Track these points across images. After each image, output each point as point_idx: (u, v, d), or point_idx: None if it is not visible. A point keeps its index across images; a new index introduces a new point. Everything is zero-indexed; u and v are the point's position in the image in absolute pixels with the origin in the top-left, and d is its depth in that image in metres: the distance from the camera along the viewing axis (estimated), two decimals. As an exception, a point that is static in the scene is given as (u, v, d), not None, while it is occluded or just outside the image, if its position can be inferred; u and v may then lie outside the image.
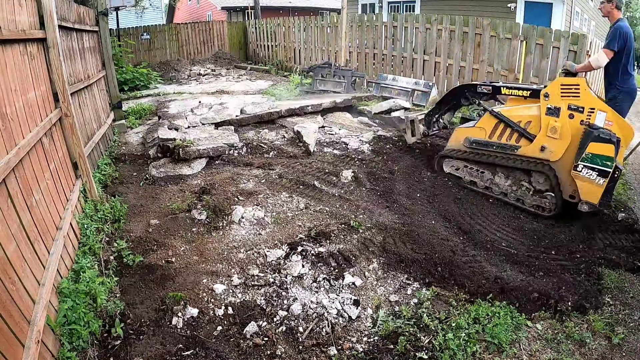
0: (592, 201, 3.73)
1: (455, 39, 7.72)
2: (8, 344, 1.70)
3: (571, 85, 3.87)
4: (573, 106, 3.85)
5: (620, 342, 2.51)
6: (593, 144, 3.62)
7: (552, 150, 3.93)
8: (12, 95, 2.35)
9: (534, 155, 4.07)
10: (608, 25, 4.61)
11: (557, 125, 3.86)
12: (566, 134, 3.85)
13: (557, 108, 3.89)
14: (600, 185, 3.66)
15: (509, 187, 4.34)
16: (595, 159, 3.63)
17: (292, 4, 24.89)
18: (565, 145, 3.86)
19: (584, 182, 3.73)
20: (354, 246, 3.36)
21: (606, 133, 3.61)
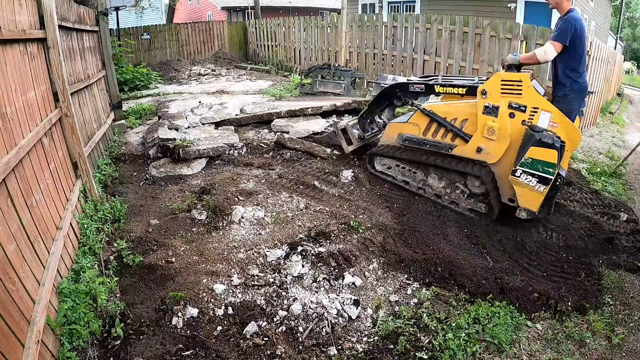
0: (531, 208, 3.50)
1: (455, 39, 7.72)
2: (8, 344, 1.71)
3: (512, 81, 3.51)
4: (514, 104, 3.51)
5: (620, 342, 2.51)
6: (534, 148, 3.30)
7: (489, 152, 3.65)
8: (12, 95, 2.35)
9: (469, 156, 3.78)
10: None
11: (495, 125, 3.55)
12: (505, 135, 3.54)
13: (496, 107, 3.56)
14: (540, 193, 3.40)
15: (442, 189, 4.10)
16: (536, 165, 3.32)
17: (292, 4, 24.89)
18: (503, 147, 3.58)
19: (523, 189, 3.47)
20: (354, 246, 3.36)
21: (549, 137, 3.27)
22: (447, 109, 3.95)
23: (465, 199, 3.96)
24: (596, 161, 5.82)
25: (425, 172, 4.22)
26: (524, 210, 3.55)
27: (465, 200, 3.97)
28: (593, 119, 7.81)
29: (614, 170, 5.34)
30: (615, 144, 6.96)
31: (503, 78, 3.57)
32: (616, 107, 10.48)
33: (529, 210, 3.52)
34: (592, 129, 7.58)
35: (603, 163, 5.73)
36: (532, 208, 3.51)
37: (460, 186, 3.99)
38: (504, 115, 3.55)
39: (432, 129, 4.05)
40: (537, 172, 3.35)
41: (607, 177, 5.18)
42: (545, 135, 3.28)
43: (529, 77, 3.53)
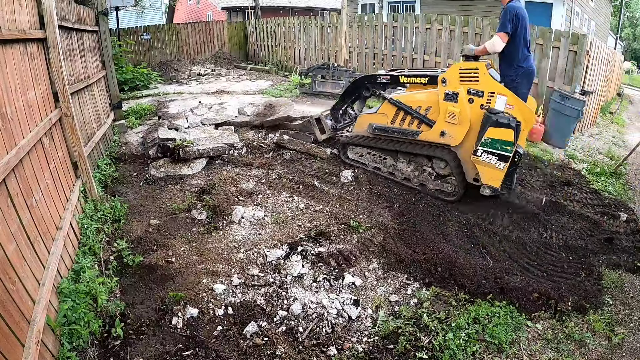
0: (494, 185, 3.80)
1: (455, 39, 7.72)
2: (8, 343, 1.71)
3: (470, 69, 3.83)
4: (472, 90, 3.82)
5: (620, 342, 2.51)
6: (492, 128, 3.61)
7: (452, 135, 3.94)
8: (12, 95, 2.35)
9: (434, 140, 4.09)
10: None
11: (456, 110, 3.85)
12: (465, 119, 3.84)
13: (455, 93, 3.87)
14: (501, 170, 3.70)
15: (411, 173, 4.42)
16: (495, 144, 3.64)
17: (292, 4, 24.88)
18: (464, 130, 3.87)
19: (485, 167, 3.77)
20: (354, 246, 3.36)
21: (505, 117, 3.59)
22: (412, 98, 4.27)
23: (432, 180, 4.28)
24: (596, 161, 5.82)
25: (395, 158, 4.52)
26: (487, 188, 3.84)
27: (432, 181, 4.28)
28: (593, 119, 7.81)
29: (614, 170, 5.34)
30: (615, 144, 6.96)
31: (461, 67, 3.88)
32: (616, 107, 10.48)
33: (492, 187, 3.82)
34: (592, 129, 7.58)
35: (603, 163, 5.73)
36: (494, 185, 3.81)
37: (427, 169, 4.31)
38: (463, 100, 3.85)
39: (399, 117, 4.34)
40: (497, 150, 3.66)
41: (607, 177, 5.18)
42: (501, 116, 3.60)
43: (484, 65, 3.86)
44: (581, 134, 7.08)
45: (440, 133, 4.01)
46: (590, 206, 4.32)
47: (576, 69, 6.31)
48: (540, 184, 4.77)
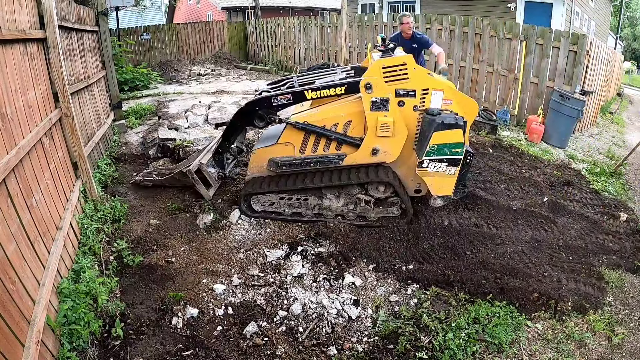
0: (446, 194, 3.33)
1: (455, 39, 7.72)
2: (8, 344, 1.70)
3: (395, 66, 3.17)
4: (402, 91, 3.17)
5: (620, 342, 2.51)
6: (437, 133, 3.02)
7: (387, 151, 3.30)
8: (12, 95, 2.35)
9: (364, 161, 3.38)
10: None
11: (389, 120, 3.18)
12: (401, 128, 3.22)
13: (385, 99, 3.18)
14: (452, 176, 3.21)
15: (344, 207, 3.59)
16: (443, 150, 3.07)
17: (292, 4, 24.88)
18: (402, 141, 3.26)
19: (433, 178, 3.23)
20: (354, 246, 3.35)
21: (450, 117, 3.03)
22: (323, 116, 3.39)
23: (373, 209, 3.58)
24: (596, 161, 5.82)
25: (319, 195, 3.60)
26: (439, 198, 3.36)
27: (373, 210, 3.58)
28: (593, 119, 7.81)
29: (613, 170, 5.34)
30: (615, 144, 6.96)
31: (384, 65, 3.19)
32: (616, 107, 10.48)
33: (444, 196, 3.35)
34: (592, 129, 7.58)
35: (603, 163, 5.73)
36: (446, 193, 3.33)
37: (363, 197, 3.54)
38: (394, 105, 3.22)
39: (309, 143, 3.45)
40: (446, 156, 3.12)
41: (607, 177, 5.18)
42: (446, 117, 3.05)
43: (412, 57, 3.28)
44: (581, 134, 7.08)
45: (371, 151, 3.31)
46: (590, 206, 4.32)
47: (576, 69, 6.31)
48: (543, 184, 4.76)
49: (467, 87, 7.68)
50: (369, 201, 3.55)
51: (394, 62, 3.20)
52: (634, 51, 35.22)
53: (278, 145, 3.49)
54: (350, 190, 3.55)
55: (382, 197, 3.54)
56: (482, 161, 5.17)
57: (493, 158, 5.41)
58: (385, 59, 3.26)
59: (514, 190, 4.49)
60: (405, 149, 3.34)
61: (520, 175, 4.86)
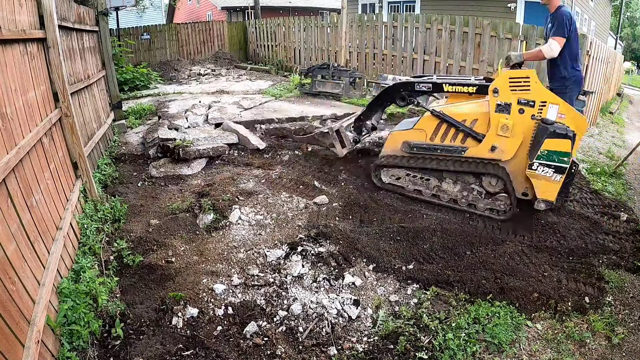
0: (549, 198, 3.62)
1: (455, 39, 7.73)
2: (8, 344, 1.70)
3: (520, 78, 3.61)
4: (523, 100, 3.60)
5: (620, 342, 2.51)
6: (549, 140, 3.41)
7: (504, 150, 3.69)
8: (12, 95, 2.35)
9: (483, 156, 3.79)
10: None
11: (509, 122, 3.61)
12: (518, 131, 3.64)
13: (508, 104, 3.63)
14: (557, 182, 3.54)
15: (458, 193, 4.01)
16: (552, 156, 3.46)
17: (292, 4, 24.89)
18: (517, 143, 3.65)
19: (540, 180, 3.58)
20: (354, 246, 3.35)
21: (562, 128, 3.41)
22: (455, 111, 3.92)
23: (482, 199, 3.94)
24: (596, 161, 5.82)
25: (439, 178, 4.08)
26: (542, 202, 3.64)
27: (482, 200, 3.94)
28: (593, 119, 7.81)
29: (613, 170, 5.34)
30: (615, 144, 6.97)
31: (511, 76, 3.62)
32: (616, 107, 10.49)
33: (547, 200, 3.63)
34: (592, 129, 7.58)
35: (603, 163, 5.73)
36: (549, 198, 3.62)
37: (476, 187, 3.94)
38: (515, 111, 3.63)
39: (440, 132, 3.95)
40: (554, 162, 3.47)
41: (607, 177, 5.18)
42: (558, 127, 3.41)
43: (535, 72, 3.66)
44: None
45: (490, 148, 3.73)
46: (590, 206, 4.32)
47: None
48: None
49: (467, 87, 7.68)
50: (480, 192, 3.94)
51: (519, 74, 3.63)
52: (634, 51, 35.23)
53: (413, 130, 4.10)
54: (467, 179, 3.99)
55: (492, 191, 3.89)
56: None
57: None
58: (512, 70, 3.73)
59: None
60: (519, 153, 3.69)
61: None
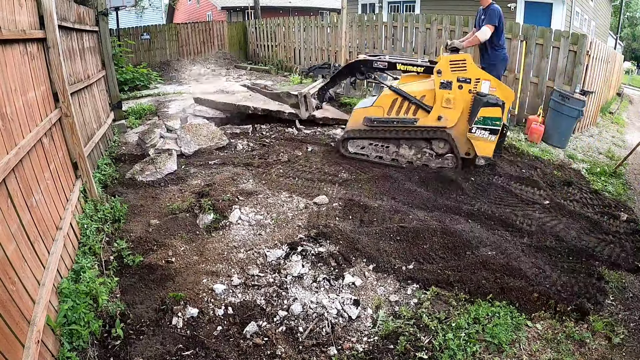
0: (487, 155, 4.58)
1: (455, 38, 7.71)
2: (8, 344, 1.70)
3: (459, 60, 4.51)
4: (461, 79, 4.50)
5: (620, 342, 2.51)
6: (484, 108, 4.35)
7: (448, 118, 4.61)
8: (12, 95, 2.35)
9: (432, 124, 4.70)
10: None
11: (451, 96, 4.53)
12: (458, 103, 4.54)
13: (449, 82, 4.53)
14: (492, 142, 4.50)
15: (413, 156, 4.96)
16: (487, 121, 4.41)
17: (292, 4, 24.89)
18: (458, 113, 4.57)
19: (479, 141, 4.53)
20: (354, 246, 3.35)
21: (493, 98, 4.34)
22: (408, 88, 4.83)
23: (434, 159, 4.89)
24: (596, 161, 5.82)
25: (397, 145, 4.99)
26: (482, 158, 4.62)
27: (434, 160, 4.89)
28: (593, 119, 7.81)
29: (613, 170, 5.34)
30: (615, 144, 6.96)
31: (451, 59, 4.53)
32: (616, 107, 10.49)
33: (486, 157, 4.61)
34: (592, 129, 7.58)
35: (603, 163, 5.73)
36: (488, 154, 4.60)
37: (428, 150, 4.90)
38: (455, 87, 4.54)
39: (395, 107, 4.83)
40: (489, 126, 4.44)
41: (607, 177, 5.18)
42: (490, 98, 4.37)
43: (470, 56, 4.67)
44: (581, 134, 7.08)
45: (437, 117, 4.64)
46: (590, 206, 4.32)
47: (576, 69, 6.31)
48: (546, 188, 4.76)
49: (467, 87, 7.68)
50: (432, 154, 4.89)
51: (458, 57, 4.54)
52: (634, 51, 35.21)
53: (373, 107, 4.98)
54: (419, 144, 4.93)
55: (441, 152, 4.85)
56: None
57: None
58: (452, 55, 4.61)
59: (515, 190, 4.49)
60: (460, 120, 4.61)
61: (520, 175, 4.87)
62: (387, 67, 5.05)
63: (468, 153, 4.72)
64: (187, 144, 5.34)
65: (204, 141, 5.46)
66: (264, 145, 5.69)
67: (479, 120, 4.41)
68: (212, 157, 5.23)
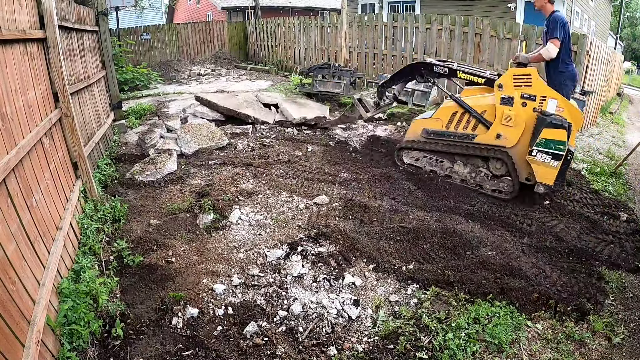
0: (547, 182, 4.04)
1: (455, 39, 7.72)
2: (8, 344, 1.70)
3: (523, 75, 4.13)
4: (525, 95, 4.11)
5: (620, 342, 2.51)
6: (546, 129, 3.87)
7: (507, 137, 4.22)
8: (12, 95, 2.35)
9: (490, 142, 4.34)
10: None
11: (512, 113, 4.14)
12: (520, 122, 4.14)
13: (511, 97, 4.16)
14: (554, 168, 3.97)
15: (467, 174, 4.61)
16: (549, 144, 3.90)
17: (292, 4, 24.88)
18: (519, 132, 4.15)
19: (539, 166, 4.02)
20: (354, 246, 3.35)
21: (558, 119, 3.86)
22: (470, 102, 4.50)
23: (489, 180, 4.47)
24: (596, 161, 5.82)
25: (452, 160, 4.69)
26: (542, 185, 4.07)
27: (489, 181, 4.47)
28: (593, 119, 7.81)
29: (613, 170, 5.34)
30: (615, 144, 6.96)
31: (515, 73, 4.17)
32: (616, 107, 10.49)
33: (546, 184, 4.05)
34: (592, 129, 7.58)
35: (603, 163, 5.73)
36: (548, 182, 4.04)
37: (483, 170, 4.50)
38: (518, 104, 4.14)
39: (454, 122, 4.56)
40: (551, 150, 3.91)
41: (607, 177, 5.17)
42: (555, 118, 3.87)
43: (536, 71, 4.18)
44: (581, 134, 7.08)
45: (496, 135, 4.27)
46: (590, 206, 4.32)
47: (576, 69, 6.30)
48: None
49: (467, 87, 7.68)
50: (487, 174, 4.50)
51: (523, 72, 4.15)
52: (634, 51, 35.22)
53: (431, 119, 4.76)
54: (476, 162, 4.56)
55: (497, 174, 4.43)
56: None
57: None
58: (516, 68, 4.26)
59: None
60: (522, 141, 4.17)
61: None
62: (447, 74, 4.76)
63: (528, 179, 4.22)
64: (187, 144, 5.34)
65: (204, 141, 5.47)
66: (264, 145, 5.69)
67: (540, 143, 3.92)
68: (212, 157, 5.23)
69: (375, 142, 5.98)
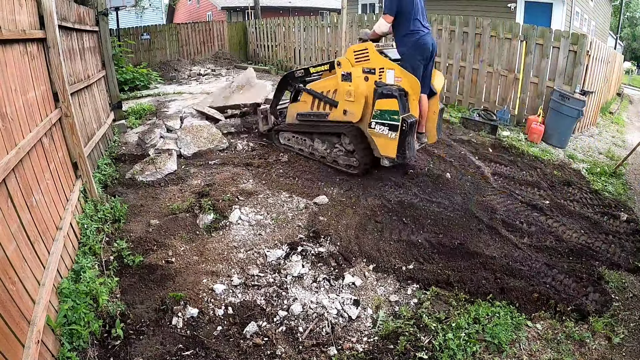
0: (390, 155, 4.05)
1: (455, 39, 7.72)
2: (8, 343, 1.71)
3: (362, 50, 4.16)
4: (366, 69, 4.14)
5: (620, 342, 2.51)
6: (379, 100, 3.90)
7: (353, 112, 4.32)
8: (12, 95, 2.35)
9: (340, 119, 4.48)
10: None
11: (351, 89, 4.24)
12: (359, 96, 4.20)
13: (349, 73, 4.26)
14: (393, 139, 3.93)
15: (324, 151, 4.80)
16: (384, 115, 3.91)
17: (292, 4, 24.89)
18: (361, 107, 4.22)
19: (379, 138, 4.07)
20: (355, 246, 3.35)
21: (388, 89, 3.84)
22: (321, 84, 4.74)
23: (342, 156, 4.60)
24: (596, 161, 5.82)
25: (312, 139, 4.96)
26: (385, 158, 4.14)
27: (342, 157, 4.60)
28: (593, 119, 7.81)
29: (614, 170, 5.34)
30: (615, 144, 6.96)
31: (355, 49, 4.24)
32: (616, 107, 10.49)
33: (388, 157, 4.09)
34: (592, 129, 7.58)
35: (603, 163, 5.73)
36: (390, 155, 4.06)
37: (338, 146, 4.66)
38: (356, 79, 4.22)
39: (316, 103, 4.80)
40: (387, 120, 3.93)
41: (607, 177, 5.18)
42: (386, 88, 3.89)
43: (372, 44, 4.19)
44: (581, 134, 7.08)
45: (343, 111, 4.41)
46: (590, 206, 4.32)
47: (576, 69, 6.31)
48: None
49: (467, 87, 7.68)
50: (341, 150, 4.60)
51: (360, 47, 4.18)
52: (634, 51, 35.22)
53: (300, 102, 5.00)
54: (331, 139, 4.72)
55: (350, 149, 4.49)
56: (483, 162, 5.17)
57: (493, 158, 5.41)
58: (355, 45, 4.26)
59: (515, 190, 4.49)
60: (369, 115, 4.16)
61: (520, 176, 4.87)
62: (304, 74, 5.00)
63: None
64: (187, 146, 5.34)
65: (204, 143, 5.46)
66: (264, 145, 5.69)
67: (376, 114, 3.98)
68: (212, 157, 5.23)
69: None
